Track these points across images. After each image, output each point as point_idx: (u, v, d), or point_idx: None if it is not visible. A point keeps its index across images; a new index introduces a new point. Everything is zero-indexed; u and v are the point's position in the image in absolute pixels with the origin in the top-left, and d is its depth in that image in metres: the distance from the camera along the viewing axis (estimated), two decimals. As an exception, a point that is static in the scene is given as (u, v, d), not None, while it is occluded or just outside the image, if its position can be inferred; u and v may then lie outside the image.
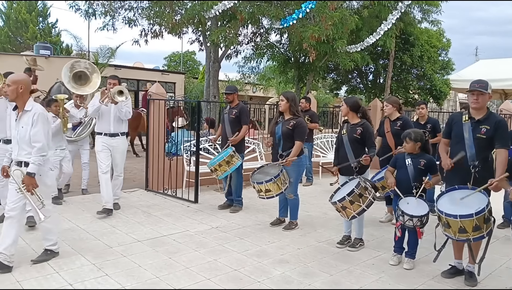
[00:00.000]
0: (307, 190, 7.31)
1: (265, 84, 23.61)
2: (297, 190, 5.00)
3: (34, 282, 3.32)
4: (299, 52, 14.22)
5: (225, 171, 5.50)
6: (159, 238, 4.56)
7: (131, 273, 3.59)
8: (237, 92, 5.90)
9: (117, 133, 5.37)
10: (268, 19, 11.47)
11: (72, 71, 5.46)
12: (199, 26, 11.32)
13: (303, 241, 4.63)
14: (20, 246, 4.06)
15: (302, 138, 4.86)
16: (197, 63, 39.19)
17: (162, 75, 21.54)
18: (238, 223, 5.20)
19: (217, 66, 12.31)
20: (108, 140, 5.34)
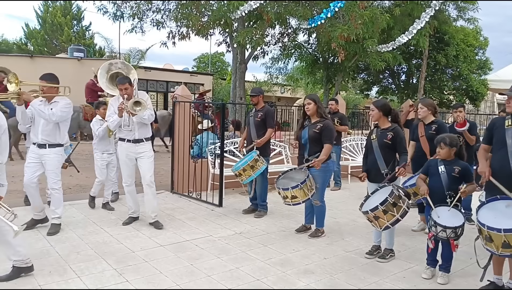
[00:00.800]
0: (335, 195, 7.08)
1: (293, 85, 23.40)
2: (323, 197, 4.81)
3: (56, 286, 3.30)
4: (328, 52, 13.97)
5: (249, 175, 5.38)
6: (182, 243, 4.48)
7: (151, 280, 3.51)
8: (262, 94, 5.75)
9: (142, 139, 4.87)
10: (295, 19, 11.30)
11: (108, 72, 5.30)
12: (226, 27, 11.28)
13: (330, 250, 4.44)
14: (45, 249, 4.09)
15: (331, 140, 4.67)
16: (225, 64, 39.40)
17: (190, 76, 21.72)
18: (262, 229, 5.06)
19: (243, 67, 12.23)
20: (131, 147, 4.88)
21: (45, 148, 4.49)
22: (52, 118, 4.38)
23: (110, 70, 5.22)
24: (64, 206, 5.27)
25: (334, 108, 7.53)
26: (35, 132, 4.52)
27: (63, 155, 4.69)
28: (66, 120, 4.60)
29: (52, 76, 4.55)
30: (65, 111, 4.48)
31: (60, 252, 4.00)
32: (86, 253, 4.02)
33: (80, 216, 5.31)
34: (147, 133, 4.96)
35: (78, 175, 8.40)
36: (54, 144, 4.52)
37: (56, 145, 4.53)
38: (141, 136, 4.88)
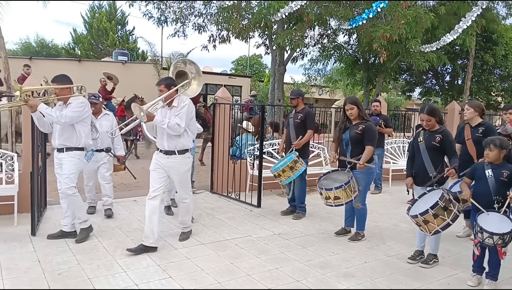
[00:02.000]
0: (376, 199, 6.95)
1: (331, 87, 23.15)
2: (365, 199, 4.74)
3: (104, 280, 3.46)
4: (369, 53, 13.73)
5: (288, 177, 5.40)
6: (222, 241, 4.56)
7: (193, 277, 3.61)
8: (302, 96, 5.73)
9: (173, 151, 4.21)
10: (336, 20, 11.20)
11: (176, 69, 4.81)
12: (265, 29, 11.36)
13: (371, 254, 4.37)
14: (93, 244, 4.30)
15: (373, 142, 4.60)
16: (263, 66, 39.60)
17: (229, 78, 22.02)
18: (301, 231, 5.06)
19: (282, 69, 12.26)
20: (161, 159, 4.28)
21: (62, 152, 4.29)
22: (61, 120, 4.09)
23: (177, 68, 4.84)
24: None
25: (378, 109, 7.38)
26: (53, 137, 4.34)
27: (81, 159, 4.36)
28: (82, 121, 4.30)
29: (63, 77, 4.30)
30: (77, 111, 4.19)
31: (107, 248, 4.19)
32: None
33: (125, 213, 5.53)
34: (181, 144, 4.22)
35: (123, 173, 8.74)
36: (71, 147, 4.28)
37: (73, 148, 4.28)
38: (172, 148, 4.21)
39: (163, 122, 4.08)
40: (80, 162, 4.38)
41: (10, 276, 3.46)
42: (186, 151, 4.29)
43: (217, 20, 11.20)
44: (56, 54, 32.43)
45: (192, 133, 4.37)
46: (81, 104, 4.26)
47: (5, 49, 8.38)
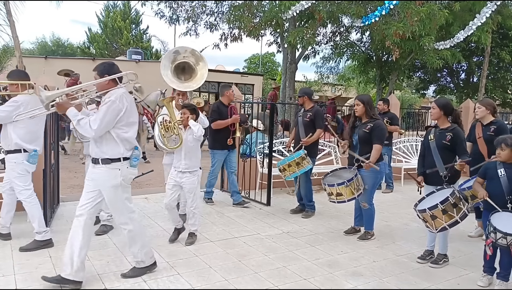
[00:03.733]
0: (387, 198, 6.89)
1: (344, 84, 23.00)
2: (372, 199, 4.70)
3: (113, 276, 3.51)
4: (382, 51, 13.60)
5: (293, 172, 5.40)
6: (230, 239, 4.58)
7: (201, 274, 3.63)
8: (308, 95, 5.66)
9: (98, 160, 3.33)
10: (348, 17, 11.11)
11: (173, 62, 4.58)
12: (277, 28, 11.34)
13: (380, 253, 4.34)
14: (103, 240, 4.36)
15: (381, 141, 4.56)
16: (276, 65, 39.53)
17: (241, 77, 22.03)
18: (310, 229, 5.05)
19: (293, 67, 12.22)
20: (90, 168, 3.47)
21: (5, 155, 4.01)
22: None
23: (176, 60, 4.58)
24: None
25: (381, 108, 7.29)
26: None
27: (17, 163, 3.95)
28: (17, 122, 3.82)
29: (16, 72, 4.03)
30: (4, 110, 3.82)
31: (117, 244, 4.25)
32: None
33: (136, 210, 5.57)
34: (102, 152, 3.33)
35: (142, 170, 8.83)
36: (9, 150, 3.95)
37: (11, 151, 3.94)
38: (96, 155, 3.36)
39: (75, 117, 3.23)
40: (18, 165, 3.96)
41: (22, 271, 3.54)
42: (112, 162, 3.29)
43: (228, 19, 11.22)
44: (72, 53, 32.93)
45: (126, 141, 3.33)
46: (11, 102, 3.85)
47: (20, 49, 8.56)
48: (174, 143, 4.27)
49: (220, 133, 5.85)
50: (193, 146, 4.27)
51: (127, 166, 3.37)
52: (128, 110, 3.29)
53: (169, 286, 3.39)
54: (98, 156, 3.32)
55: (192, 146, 4.26)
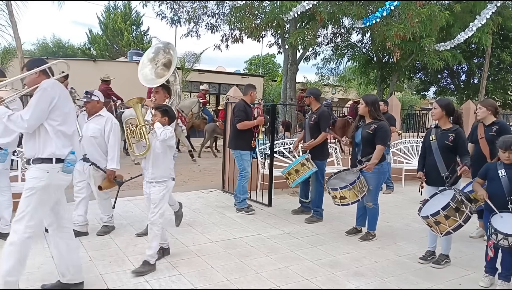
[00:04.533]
0: (388, 199, 6.89)
1: (345, 86, 23.00)
2: (377, 199, 4.71)
3: (115, 276, 3.52)
4: (382, 52, 13.61)
5: (294, 179, 5.34)
6: (232, 240, 4.59)
7: (203, 274, 3.64)
8: (314, 96, 5.57)
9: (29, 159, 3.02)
10: (349, 18, 11.12)
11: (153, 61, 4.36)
12: (278, 29, 11.35)
13: (381, 253, 4.34)
14: (105, 241, 4.36)
15: (384, 142, 4.56)
16: (276, 66, 39.53)
17: (242, 78, 22.03)
18: (311, 230, 5.05)
19: (294, 68, 12.23)
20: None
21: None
22: None
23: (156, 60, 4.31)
24: (122, 202, 5.66)
25: (382, 108, 7.20)
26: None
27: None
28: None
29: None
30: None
31: (119, 244, 4.26)
32: (143, 246, 4.21)
33: (137, 211, 5.60)
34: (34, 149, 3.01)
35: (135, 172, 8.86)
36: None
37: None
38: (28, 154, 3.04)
39: (5, 114, 2.92)
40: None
41: (24, 271, 3.53)
42: (42, 162, 2.93)
43: (229, 20, 11.24)
44: (73, 54, 32.94)
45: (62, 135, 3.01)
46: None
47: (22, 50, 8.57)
48: (143, 150, 3.83)
49: (246, 133, 5.65)
50: (161, 153, 3.76)
51: (58, 170, 2.97)
52: (62, 98, 3.00)
53: (171, 286, 3.39)
54: (30, 155, 2.99)
55: (160, 153, 3.76)
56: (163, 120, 3.74)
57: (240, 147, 5.70)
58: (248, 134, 5.66)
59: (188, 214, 5.51)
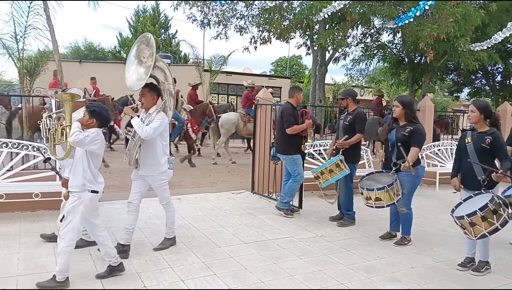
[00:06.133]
0: (422, 203, 6.72)
1: (374, 87, 22.64)
2: (410, 204, 4.60)
3: (151, 275, 3.57)
4: (414, 52, 13.31)
5: (326, 180, 5.24)
6: (264, 241, 4.58)
7: (237, 275, 3.65)
8: (352, 96, 5.47)
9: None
10: (380, 19, 10.95)
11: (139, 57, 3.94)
12: (307, 30, 11.30)
13: (418, 259, 4.23)
14: (140, 240, 4.45)
15: (420, 145, 4.45)
16: (303, 67, 39.36)
17: (269, 80, 22.06)
18: (344, 234, 4.98)
19: (323, 69, 12.15)
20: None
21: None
22: None
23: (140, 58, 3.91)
24: (154, 202, 5.79)
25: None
26: None
27: None
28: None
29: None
30: None
31: (154, 244, 4.32)
32: (177, 245, 4.29)
33: (170, 211, 5.66)
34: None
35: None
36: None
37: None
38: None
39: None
40: None
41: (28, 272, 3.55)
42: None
43: (258, 22, 11.28)
44: (103, 57, 33.81)
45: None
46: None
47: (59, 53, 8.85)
48: (62, 153, 3.52)
49: (296, 137, 5.54)
50: (79, 159, 3.35)
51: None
52: None
53: (206, 286, 3.42)
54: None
55: (78, 159, 3.35)
56: (90, 121, 3.35)
57: (291, 152, 5.58)
58: (297, 138, 5.57)
59: (220, 215, 5.55)
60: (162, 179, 4.09)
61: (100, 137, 3.36)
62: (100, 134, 3.38)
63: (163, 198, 4.24)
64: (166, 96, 3.98)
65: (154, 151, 3.96)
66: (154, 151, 3.96)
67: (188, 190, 7.16)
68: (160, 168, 4.01)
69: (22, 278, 3.40)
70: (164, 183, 4.14)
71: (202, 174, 9.07)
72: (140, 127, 3.77)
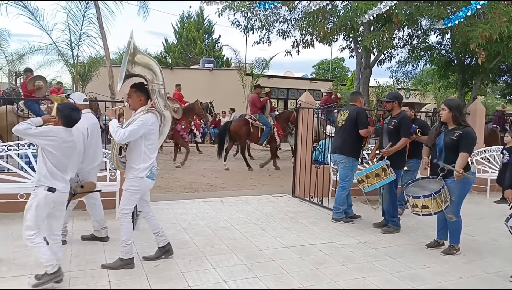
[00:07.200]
0: (472, 211, 6.40)
1: (421, 90, 21.89)
2: (459, 211, 4.40)
3: (195, 275, 3.66)
4: (464, 53, 12.75)
5: (372, 184, 5.12)
6: (306, 246, 4.56)
7: (279, 279, 3.66)
8: (398, 100, 5.32)
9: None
10: (427, 19, 10.59)
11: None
12: (351, 32, 11.15)
13: (467, 269, 4.05)
14: (184, 240, 4.57)
15: (470, 149, 4.27)
16: (345, 70, 38.78)
17: (310, 83, 21.94)
18: (388, 241, 4.86)
19: (368, 72, 11.91)
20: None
21: None
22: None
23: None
24: (198, 203, 5.94)
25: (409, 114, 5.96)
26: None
27: None
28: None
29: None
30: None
31: (198, 244, 4.43)
32: (220, 247, 4.37)
33: (213, 212, 5.78)
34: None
35: (209, 175, 9.18)
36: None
37: None
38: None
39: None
40: None
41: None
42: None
43: (301, 25, 11.27)
44: (150, 62, 34.91)
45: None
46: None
47: (110, 59, 9.31)
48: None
49: (360, 142, 5.52)
50: (40, 154, 3.33)
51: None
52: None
53: (248, 288, 3.45)
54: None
55: (39, 155, 3.34)
56: (52, 119, 3.38)
57: (353, 155, 5.50)
58: (360, 142, 5.55)
59: (261, 218, 5.58)
60: (133, 186, 3.72)
61: (55, 135, 3.29)
62: (57, 132, 3.32)
63: (121, 207, 3.81)
64: (154, 97, 3.78)
65: (135, 153, 3.72)
66: (135, 153, 3.72)
67: (230, 193, 7.26)
68: (135, 173, 3.70)
69: (74, 273, 3.60)
70: (133, 190, 3.74)
71: (243, 176, 9.17)
72: (115, 130, 3.59)
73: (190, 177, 8.79)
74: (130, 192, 3.73)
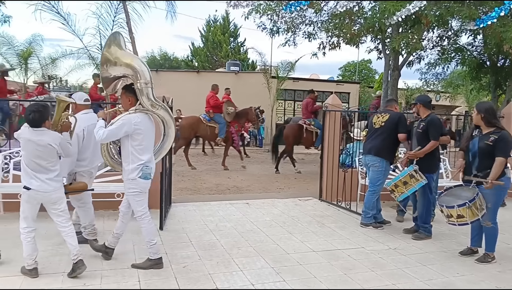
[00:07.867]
0: (507, 217, 6.17)
1: (451, 92, 21.30)
2: (496, 218, 4.25)
3: (222, 277, 3.67)
4: (497, 55, 12.34)
5: (402, 193, 4.98)
6: (333, 251, 4.50)
7: (307, 283, 3.62)
8: (423, 102, 5.20)
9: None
10: (458, 20, 10.29)
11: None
12: (379, 34, 10.97)
13: (503, 278, 3.89)
14: (212, 241, 4.60)
15: (506, 154, 4.10)
16: (372, 72, 38.20)
17: (336, 85, 21.69)
18: (419, 247, 4.73)
19: (396, 74, 11.68)
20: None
21: None
22: None
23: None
24: (224, 205, 5.95)
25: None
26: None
27: None
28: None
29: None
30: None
31: (225, 246, 4.44)
32: (246, 249, 4.37)
33: (239, 215, 5.79)
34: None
35: (235, 177, 9.22)
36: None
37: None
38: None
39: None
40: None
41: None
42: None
43: (327, 27, 11.17)
44: (177, 66, 35.48)
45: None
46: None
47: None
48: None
49: (397, 146, 5.54)
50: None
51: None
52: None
53: (275, 292, 3.43)
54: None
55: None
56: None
57: (389, 158, 5.41)
58: (397, 147, 5.58)
59: (287, 221, 5.56)
60: (130, 188, 3.73)
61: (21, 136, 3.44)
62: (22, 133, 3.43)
63: (134, 211, 3.83)
64: (139, 96, 3.71)
65: (124, 154, 3.74)
66: (124, 154, 3.74)
67: (256, 195, 7.26)
68: (127, 175, 3.71)
69: (106, 272, 3.67)
70: (134, 193, 3.74)
71: (269, 179, 9.16)
72: (96, 131, 3.61)
73: (216, 179, 8.85)
74: (132, 195, 3.76)
